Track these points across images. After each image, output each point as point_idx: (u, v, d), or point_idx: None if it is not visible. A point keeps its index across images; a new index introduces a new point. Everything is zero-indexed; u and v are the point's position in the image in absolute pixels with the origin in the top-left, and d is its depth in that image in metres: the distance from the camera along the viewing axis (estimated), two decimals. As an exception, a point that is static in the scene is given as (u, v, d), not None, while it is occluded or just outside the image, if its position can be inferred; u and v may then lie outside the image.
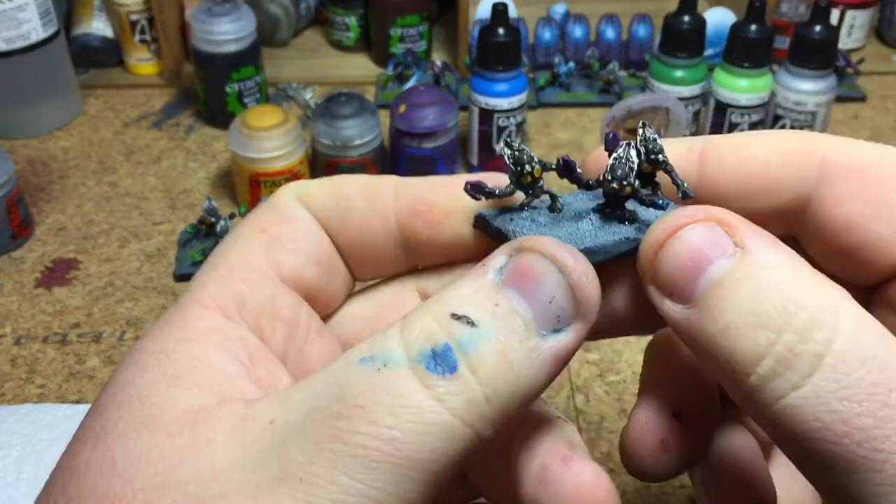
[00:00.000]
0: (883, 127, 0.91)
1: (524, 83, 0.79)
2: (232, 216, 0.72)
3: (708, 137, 0.26)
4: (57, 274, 0.70)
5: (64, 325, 0.65)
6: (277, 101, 0.95)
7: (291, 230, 0.26)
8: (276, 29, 1.03)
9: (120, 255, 0.73)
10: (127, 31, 0.97)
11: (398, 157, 0.78)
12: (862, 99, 0.95)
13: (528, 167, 0.24)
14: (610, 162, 0.24)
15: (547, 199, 0.25)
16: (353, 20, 1.02)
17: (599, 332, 0.26)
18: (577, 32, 0.99)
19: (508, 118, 0.79)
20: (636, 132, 0.25)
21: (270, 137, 0.73)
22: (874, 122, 0.92)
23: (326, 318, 0.28)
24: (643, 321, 0.25)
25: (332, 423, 0.20)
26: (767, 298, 0.20)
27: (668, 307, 0.22)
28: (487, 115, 0.79)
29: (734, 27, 0.79)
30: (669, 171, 0.25)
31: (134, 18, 0.96)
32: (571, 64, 0.95)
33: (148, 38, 0.98)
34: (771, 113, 0.82)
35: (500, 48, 0.76)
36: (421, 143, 0.76)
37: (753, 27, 0.77)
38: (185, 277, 0.69)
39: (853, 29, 1.03)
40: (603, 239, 0.24)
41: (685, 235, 0.22)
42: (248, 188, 0.75)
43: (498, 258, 0.22)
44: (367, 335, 0.22)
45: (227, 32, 0.85)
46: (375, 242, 0.27)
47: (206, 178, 0.83)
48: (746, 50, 0.78)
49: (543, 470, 0.24)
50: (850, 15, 1.02)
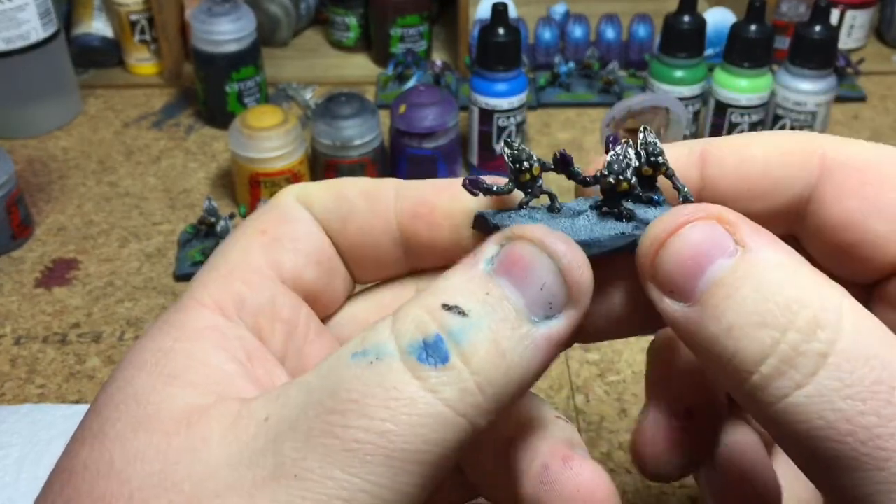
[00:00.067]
0: (883, 127, 0.91)
1: (524, 83, 0.79)
2: (232, 216, 0.72)
3: (707, 140, 0.26)
4: (57, 274, 0.70)
5: (64, 325, 0.65)
6: (277, 101, 0.95)
7: (292, 231, 0.26)
8: (276, 29, 1.03)
9: (120, 255, 0.72)
10: (127, 31, 0.97)
11: (398, 157, 0.78)
12: (862, 99, 0.95)
13: (526, 164, 0.24)
14: (607, 158, 0.24)
15: (547, 200, 0.25)
16: (353, 20, 1.02)
17: (599, 333, 0.26)
18: (577, 32, 0.99)
19: (508, 118, 0.79)
20: (636, 133, 0.25)
21: (270, 137, 0.73)
22: (874, 122, 0.92)
23: (326, 319, 0.28)
24: (642, 321, 0.25)
25: (325, 418, 0.20)
26: (771, 298, 0.20)
27: (667, 306, 0.22)
28: (487, 115, 0.79)
29: (734, 27, 0.79)
30: (670, 175, 0.25)
31: (134, 18, 0.96)
32: (571, 64, 0.96)
33: (148, 38, 0.98)
34: (771, 113, 0.82)
35: (500, 48, 0.76)
36: (421, 143, 0.76)
37: (753, 27, 0.77)
38: (185, 277, 0.69)
39: (853, 29, 1.03)
40: (598, 233, 0.24)
41: (686, 234, 0.22)
42: (248, 188, 0.75)
43: (489, 248, 0.22)
44: None
45: (227, 32, 0.85)
46: (376, 244, 0.27)
47: (206, 178, 0.83)
48: (746, 50, 0.78)
49: (544, 470, 0.24)
50: (850, 15, 1.02)
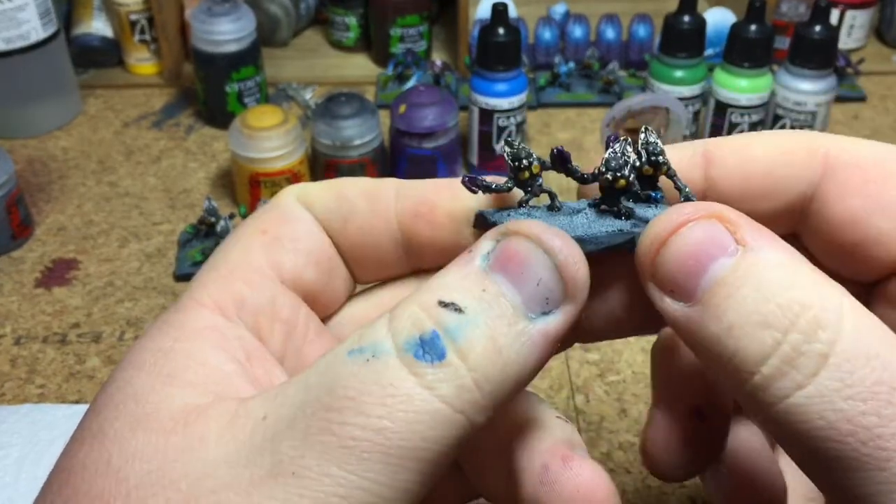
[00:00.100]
0: (883, 127, 0.91)
1: (524, 83, 0.79)
2: (232, 216, 0.72)
3: (709, 140, 0.26)
4: (57, 274, 0.70)
5: (64, 325, 0.65)
6: (277, 101, 0.95)
7: (292, 231, 0.26)
8: (276, 29, 1.03)
9: (120, 255, 0.72)
10: (127, 31, 0.97)
11: (398, 157, 0.78)
12: (862, 99, 0.95)
13: (525, 162, 0.24)
14: (605, 155, 0.24)
15: (547, 199, 0.25)
16: (353, 20, 1.02)
17: (598, 332, 0.26)
18: (577, 32, 0.99)
19: (508, 118, 0.79)
20: (636, 132, 0.25)
21: (270, 137, 0.73)
22: (874, 122, 0.92)
23: (327, 319, 0.28)
24: (641, 321, 0.25)
25: (322, 415, 0.20)
26: (772, 298, 0.20)
27: (668, 305, 0.22)
28: (487, 115, 0.79)
29: (734, 27, 0.79)
30: (671, 175, 0.25)
31: (134, 18, 0.96)
32: (571, 64, 0.95)
33: (148, 38, 0.98)
34: (771, 113, 0.82)
35: (500, 48, 0.76)
36: (421, 143, 0.76)
37: (753, 27, 0.77)
38: (185, 277, 0.69)
39: (853, 29, 1.03)
40: (595, 230, 0.24)
41: (686, 233, 0.22)
42: (248, 188, 0.75)
43: (484, 244, 0.22)
44: None
45: (227, 32, 0.85)
46: (377, 244, 0.27)
47: (206, 178, 0.83)
48: (746, 50, 0.77)
49: (544, 470, 0.24)
50: (850, 15, 1.02)
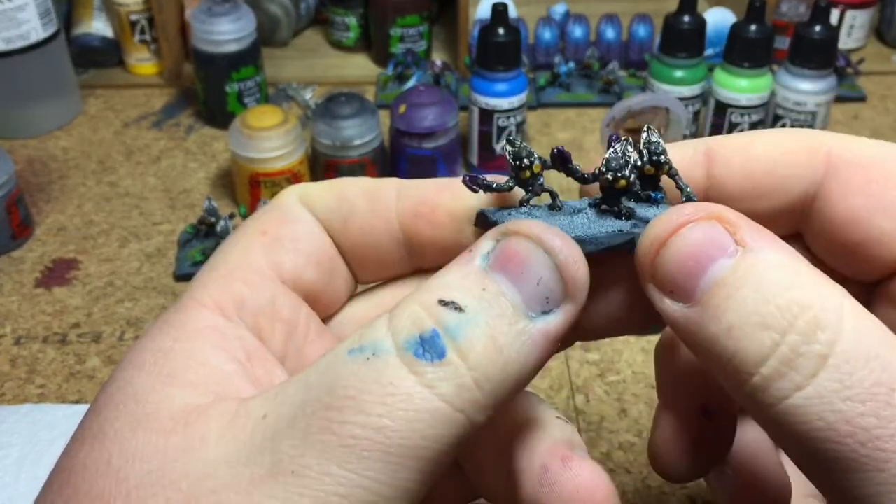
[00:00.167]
0: (883, 127, 0.91)
1: (524, 83, 0.79)
2: (232, 216, 0.72)
3: (711, 139, 0.26)
4: (57, 274, 0.70)
5: (64, 325, 0.65)
6: (277, 101, 0.95)
7: (293, 231, 0.26)
8: (276, 29, 1.03)
9: (120, 255, 0.72)
10: (127, 31, 0.97)
11: (398, 157, 0.78)
12: (862, 99, 0.95)
13: (526, 161, 0.24)
14: (606, 155, 0.24)
15: (548, 198, 0.25)
16: (353, 20, 1.02)
17: (598, 331, 0.26)
18: (577, 32, 0.99)
19: (508, 118, 0.79)
20: (636, 132, 0.25)
21: (270, 137, 0.73)
22: (874, 122, 0.92)
23: (328, 319, 0.28)
24: (641, 320, 0.25)
25: (322, 414, 0.20)
26: (772, 299, 0.20)
27: (667, 306, 0.22)
28: (487, 115, 0.79)
29: (734, 27, 0.79)
30: (673, 174, 0.25)
31: (134, 18, 0.96)
32: (571, 64, 0.95)
33: (148, 38, 0.98)
34: (771, 113, 0.82)
35: (500, 48, 0.76)
36: (421, 143, 0.76)
37: (753, 27, 0.77)
38: (185, 277, 0.69)
39: (853, 29, 1.03)
40: (595, 230, 0.24)
41: (686, 234, 0.22)
42: (248, 188, 0.75)
43: (485, 243, 0.22)
44: None
45: (227, 32, 0.85)
46: (378, 244, 0.27)
47: (206, 178, 0.83)
48: (746, 50, 0.77)
49: (543, 470, 0.24)
50: (850, 15, 1.02)
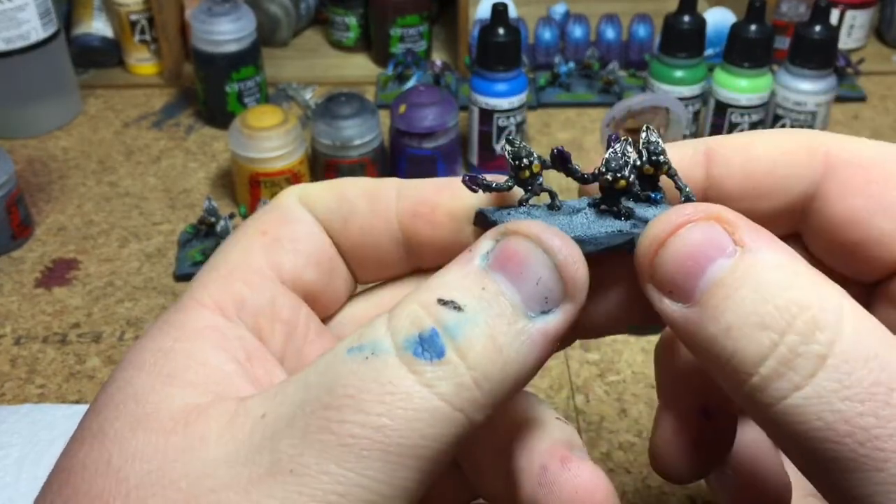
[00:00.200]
0: (883, 127, 0.91)
1: (524, 83, 0.79)
2: (232, 216, 0.72)
3: (711, 139, 0.26)
4: (57, 274, 0.70)
5: (64, 325, 0.65)
6: (277, 101, 0.95)
7: (292, 232, 0.26)
8: (276, 29, 1.03)
9: (120, 255, 0.73)
10: (127, 31, 0.97)
11: (398, 157, 0.78)
12: (862, 99, 0.95)
13: (526, 161, 0.24)
14: (606, 155, 0.24)
15: (547, 198, 0.25)
16: (353, 20, 1.02)
17: (598, 329, 0.26)
18: (577, 32, 0.99)
19: (508, 118, 0.79)
20: (636, 132, 0.25)
21: (270, 137, 0.73)
22: (874, 122, 0.92)
23: (328, 319, 0.28)
24: (641, 320, 0.25)
25: (321, 413, 0.20)
26: (770, 299, 0.20)
27: (666, 306, 0.22)
28: (487, 115, 0.79)
29: (734, 27, 0.79)
30: (672, 174, 0.25)
31: (134, 18, 0.96)
32: (571, 64, 0.96)
33: (148, 38, 0.98)
34: (771, 113, 0.82)
35: (500, 48, 0.76)
36: (421, 143, 0.76)
37: (753, 27, 0.77)
38: (185, 277, 0.69)
39: (853, 29, 1.03)
40: (595, 230, 0.24)
41: (685, 234, 0.22)
42: (248, 188, 0.75)
43: (484, 243, 0.22)
44: None
45: (227, 32, 0.85)
46: (377, 244, 0.27)
47: (206, 178, 0.83)
48: (746, 50, 0.78)
49: (542, 471, 0.24)
50: (850, 15, 1.02)
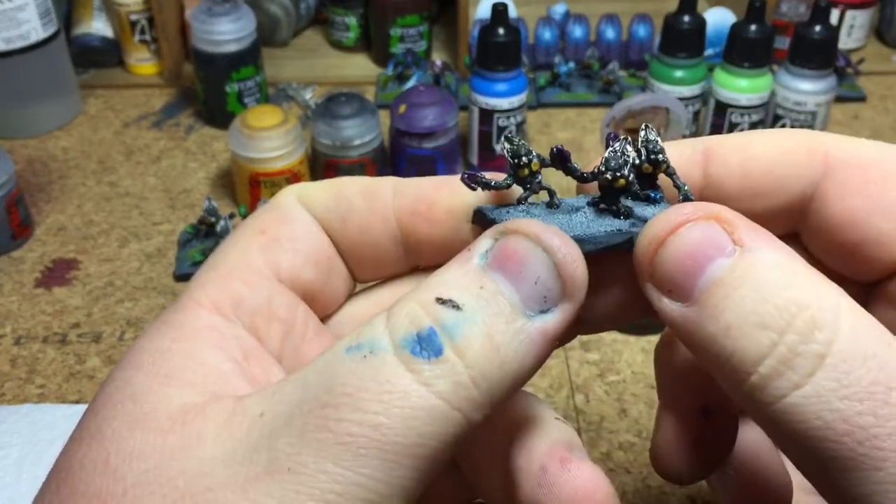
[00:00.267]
0: (883, 127, 0.91)
1: (524, 83, 0.79)
2: (232, 216, 0.72)
3: (710, 138, 0.26)
4: (57, 274, 0.70)
5: (64, 325, 0.65)
6: (277, 101, 0.95)
7: (291, 231, 0.26)
8: (276, 29, 1.03)
9: (120, 255, 0.73)
10: (127, 31, 0.97)
11: (398, 157, 0.78)
12: (862, 99, 0.95)
13: (525, 159, 0.24)
14: (605, 154, 0.24)
15: (546, 196, 0.25)
16: (353, 20, 1.02)
17: (598, 326, 0.26)
18: (577, 32, 0.99)
19: (508, 118, 0.79)
20: (636, 132, 0.25)
21: (270, 137, 0.73)
22: (874, 122, 0.92)
23: (327, 318, 0.28)
24: (639, 318, 0.25)
25: (319, 412, 0.20)
26: (769, 298, 0.20)
27: (665, 305, 0.22)
28: (487, 115, 0.79)
29: (734, 27, 0.79)
30: (671, 173, 0.25)
31: (134, 18, 0.96)
32: (571, 64, 0.96)
33: (148, 38, 0.98)
34: (771, 113, 0.82)
35: (500, 48, 0.76)
36: (421, 143, 0.76)
37: (753, 27, 0.77)
38: (185, 277, 0.69)
39: (853, 29, 1.03)
40: (594, 229, 0.24)
41: (684, 233, 0.22)
42: (248, 188, 0.75)
43: (483, 242, 0.22)
44: None
45: (227, 32, 0.85)
46: (376, 242, 0.27)
47: (206, 178, 0.83)
48: (746, 50, 0.78)
49: (542, 471, 0.23)
50: (850, 15, 1.02)
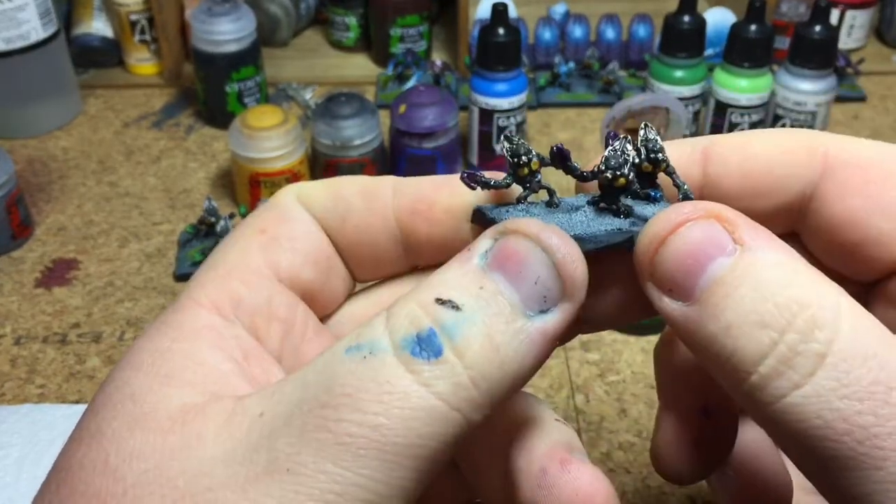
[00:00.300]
0: (883, 127, 0.91)
1: (524, 83, 0.79)
2: (232, 216, 0.72)
3: (710, 137, 0.26)
4: (57, 274, 0.70)
5: (64, 325, 0.65)
6: (277, 101, 0.95)
7: (290, 230, 0.26)
8: (276, 29, 1.03)
9: (120, 255, 0.72)
10: (127, 31, 0.97)
11: (398, 157, 0.78)
12: (862, 99, 0.95)
13: (524, 158, 0.24)
14: (605, 153, 0.24)
15: (546, 195, 0.25)
16: (353, 20, 1.02)
17: (598, 325, 0.26)
18: (577, 32, 0.99)
19: (508, 118, 0.79)
20: (636, 132, 0.25)
21: (270, 137, 0.73)
22: (874, 122, 0.92)
23: (326, 318, 0.28)
24: (640, 316, 0.25)
25: (318, 412, 0.20)
26: (770, 297, 0.20)
27: (666, 304, 0.22)
28: (487, 115, 0.79)
29: (734, 27, 0.79)
30: (670, 172, 0.25)
31: (134, 18, 0.96)
32: (571, 64, 0.96)
33: (148, 38, 0.98)
34: (771, 113, 0.82)
35: (500, 48, 0.76)
36: (421, 143, 0.76)
37: (753, 27, 0.77)
38: (185, 277, 0.69)
39: (853, 29, 1.03)
40: (594, 228, 0.24)
41: (685, 232, 0.22)
42: (248, 188, 0.75)
43: (483, 242, 0.22)
44: None
45: (227, 32, 0.85)
46: (375, 242, 0.27)
47: (206, 178, 0.83)
48: (746, 50, 0.78)
49: (542, 473, 0.23)
50: (850, 15, 1.02)
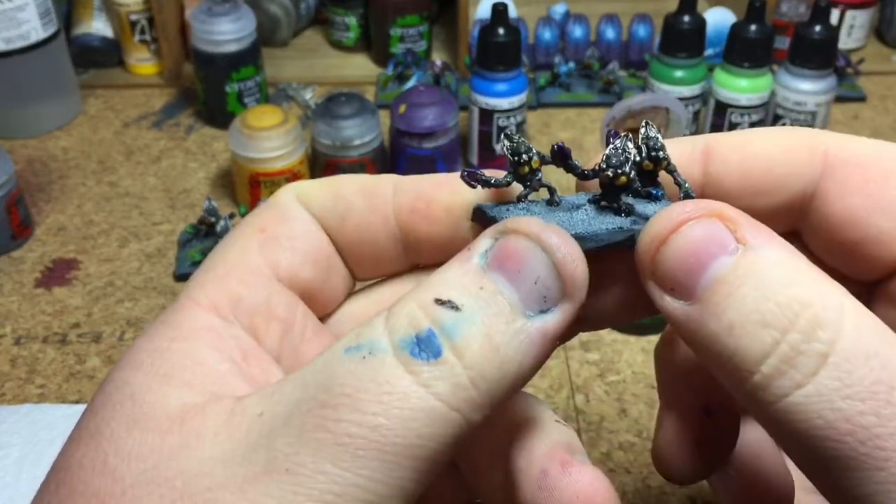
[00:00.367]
0: (883, 127, 0.91)
1: (524, 83, 0.79)
2: (232, 216, 0.72)
3: (710, 136, 0.26)
4: (57, 274, 0.70)
5: (64, 325, 0.65)
6: (277, 101, 0.95)
7: (289, 230, 0.26)
8: (276, 29, 1.03)
9: (120, 255, 0.72)
10: (127, 31, 0.97)
11: (398, 157, 0.78)
12: (862, 99, 0.95)
13: (525, 157, 0.24)
14: (606, 151, 0.24)
15: (546, 194, 0.25)
16: (353, 20, 1.02)
17: (599, 323, 0.26)
18: (577, 32, 0.99)
19: (508, 118, 0.79)
20: (636, 132, 0.25)
21: (270, 137, 0.73)
22: (874, 122, 0.92)
23: (326, 317, 0.28)
24: (641, 315, 0.25)
25: (318, 412, 0.20)
26: (772, 296, 0.20)
27: (668, 304, 0.22)
28: (487, 115, 0.79)
29: (734, 27, 0.79)
30: (671, 170, 0.25)
31: (134, 18, 0.96)
32: (571, 64, 0.95)
33: (148, 38, 0.98)
34: (771, 113, 0.82)
35: (500, 48, 0.76)
36: (421, 143, 0.76)
37: (753, 27, 0.77)
38: (184, 277, 0.69)
39: (853, 29, 1.03)
40: (595, 227, 0.24)
41: (687, 231, 0.21)
42: (248, 188, 0.75)
43: (483, 242, 0.22)
44: None
45: (227, 32, 0.85)
46: (375, 241, 0.27)
47: (206, 178, 0.83)
48: (746, 50, 0.78)
49: (542, 475, 0.23)
50: (850, 15, 1.02)
